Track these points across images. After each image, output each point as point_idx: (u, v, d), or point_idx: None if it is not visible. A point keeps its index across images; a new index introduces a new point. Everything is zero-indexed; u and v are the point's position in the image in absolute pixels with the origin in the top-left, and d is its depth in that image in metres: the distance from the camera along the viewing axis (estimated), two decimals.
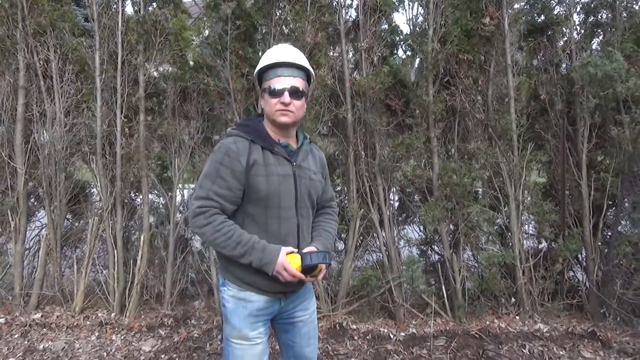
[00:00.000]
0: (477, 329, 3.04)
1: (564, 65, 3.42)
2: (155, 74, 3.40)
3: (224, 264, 1.53)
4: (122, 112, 3.24)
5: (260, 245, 1.39)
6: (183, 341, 2.93)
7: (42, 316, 3.21)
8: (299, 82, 1.47)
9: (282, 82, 1.44)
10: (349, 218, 3.32)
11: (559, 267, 3.24)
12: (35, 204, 3.64)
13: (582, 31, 3.42)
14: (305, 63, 1.51)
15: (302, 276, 1.38)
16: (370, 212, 3.31)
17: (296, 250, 1.43)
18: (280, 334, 1.66)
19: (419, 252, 3.62)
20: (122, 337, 2.99)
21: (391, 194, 3.48)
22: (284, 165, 1.47)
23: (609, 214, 3.29)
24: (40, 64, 3.27)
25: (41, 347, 2.87)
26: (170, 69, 3.37)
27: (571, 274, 3.44)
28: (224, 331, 1.54)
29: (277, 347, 1.79)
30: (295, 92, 1.45)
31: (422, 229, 3.63)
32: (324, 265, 1.42)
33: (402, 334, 3.04)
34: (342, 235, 3.57)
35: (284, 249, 1.40)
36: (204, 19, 3.32)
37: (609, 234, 3.31)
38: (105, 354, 2.79)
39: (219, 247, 1.40)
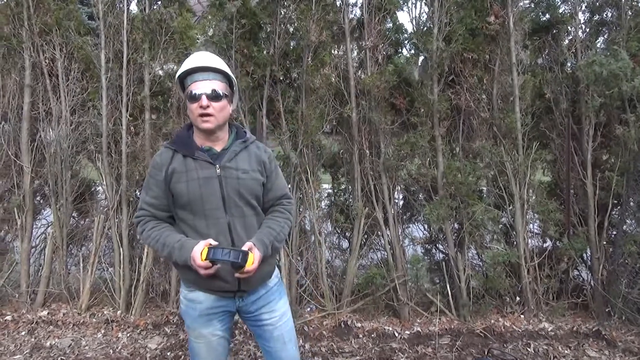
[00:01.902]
0: (481, 328, 3.04)
1: (569, 64, 3.41)
2: (160, 72, 3.40)
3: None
4: (127, 111, 3.25)
5: (179, 244, 1.45)
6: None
7: (48, 313, 3.23)
8: (217, 85, 1.48)
9: (200, 86, 1.46)
10: (353, 217, 3.33)
11: (563, 266, 3.24)
12: (42, 202, 3.65)
13: (588, 30, 3.40)
14: (222, 66, 1.52)
15: (207, 265, 1.38)
16: (374, 211, 3.31)
17: (217, 243, 1.43)
18: (257, 339, 1.71)
19: (423, 251, 3.62)
20: (128, 335, 3.01)
21: (396, 193, 3.48)
22: (206, 169, 1.49)
23: (614, 213, 3.28)
24: (46, 62, 3.28)
25: (48, 344, 2.88)
26: (175, 67, 3.37)
27: (576, 273, 3.44)
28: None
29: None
30: (214, 96, 1.46)
31: (426, 227, 3.62)
32: (252, 263, 1.41)
33: (407, 332, 3.05)
34: (347, 233, 3.58)
35: (201, 243, 1.42)
36: (208, 18, 3.32)
37: (614, 233, 3.31)
38: (111, 351, 2.81)
39: (154, 249, 1.53)
